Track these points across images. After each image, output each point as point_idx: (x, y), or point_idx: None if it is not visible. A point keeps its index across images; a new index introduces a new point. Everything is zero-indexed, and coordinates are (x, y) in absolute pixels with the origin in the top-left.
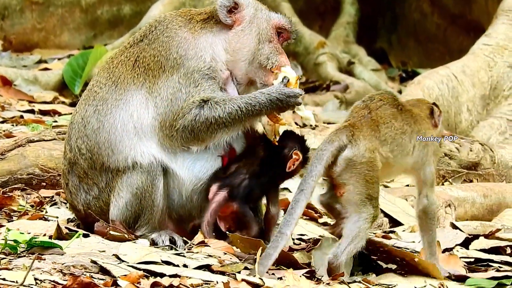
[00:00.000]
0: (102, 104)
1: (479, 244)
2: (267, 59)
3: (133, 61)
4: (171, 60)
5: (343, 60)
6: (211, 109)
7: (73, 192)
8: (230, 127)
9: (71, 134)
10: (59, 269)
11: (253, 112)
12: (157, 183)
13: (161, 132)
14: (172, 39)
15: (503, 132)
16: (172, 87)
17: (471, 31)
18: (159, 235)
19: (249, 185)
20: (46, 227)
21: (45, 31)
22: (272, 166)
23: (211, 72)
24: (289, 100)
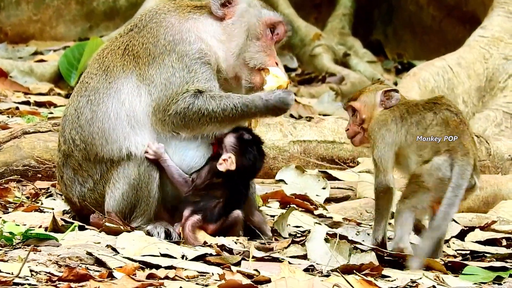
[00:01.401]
0: (94, 94)
1: (474, 236)
2: (251, 58)
3: (123, 49)
4: (160, 46)
5: (338, 52)
6: (205, 101)
7: (68, 185)
8: (222, 123)
9: (65, 126)
10: (54, 261)
11: (248, 113)
12: (153, 174)
13: (154, 117)
14: (159, 25)
15: (499, 124)
16: (165, 72)
17: (467, 22)
18: (155, 227)
19: (224, 207)
20: (41, 218)
21: (41, 22)
22: (237, 177)
23: (202, 55)
24: (285, 107)
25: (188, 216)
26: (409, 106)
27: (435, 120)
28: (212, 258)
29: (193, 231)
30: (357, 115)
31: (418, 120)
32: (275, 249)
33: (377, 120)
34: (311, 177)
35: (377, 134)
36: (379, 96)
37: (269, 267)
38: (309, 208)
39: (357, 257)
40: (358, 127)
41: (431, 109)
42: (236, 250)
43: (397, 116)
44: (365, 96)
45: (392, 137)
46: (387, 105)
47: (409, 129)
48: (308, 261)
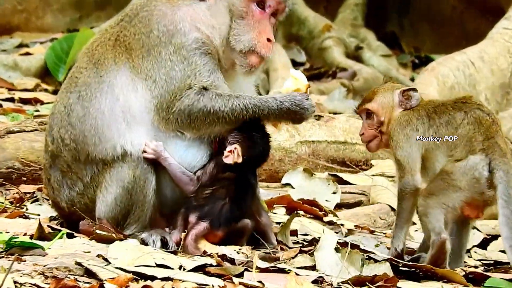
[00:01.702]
0: (86, 89)
1: (498, 245)
2: (237, 41)
3: (113, 41)
4: (154, 38)
5: (350, 44)
6: (211, 98)
7: (56, 188)
8: (231, 124)
9: (53, 125)
10: (40, 271)
11: (259, 116)
12: (149, 176)
13: (157, 115)
14: (151, 14)
15: None
16: (164, 66)
17: (490, 13)
18: (150, 235)
19: (231, 210)
20: (26, 225)
21: (26, 12)
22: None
23: (200, 45)
24: (302, 112)
25: (194, 223)
26: (436, 105)
27: (466, 119)
28: (213, 269)
29: (196, 240)
30: (374, 117)
31: (448, 120)
32: (282, 259)
33: (399, 121)
34: (320, 181)
35: (400, 134)
36: (397, 96)
37: (275, 278)
38: (318, 215)
39: (370, 268)
40: (375, 131)
41: (460, 109)
42: (239, 260)
43: (423, 115)
44: (381, 96)
45: (422, 131)
46: (408, 105)
47: (438, 129)
48: (317, 272)
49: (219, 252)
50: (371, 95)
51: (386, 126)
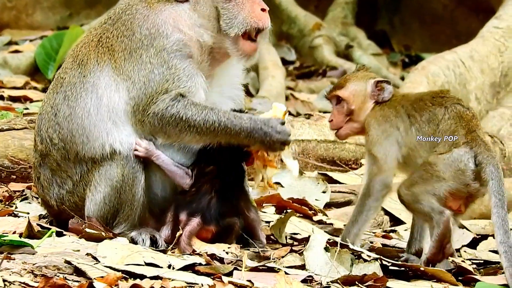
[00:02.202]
0: (71, 89)
1: (487, 245)
2: (229, 26)
3: (96, 41)
4: (136, 41)
5: (340, 43)
6: (186, 106)
7: (45, 187)
8: (202, 135)
9: (41, 125)
10: (29, 270)
11: (231, 132)
12: (139, 175)
13: (134, 117)
14: (133, 17)
15: None
16: (144, 68)
17: (481, 12)
18: (139, 234)
19: (218, 202)
20: (16, 224)
21: (16, 9)
22: (231, 170)
23: (181, 47)
24: (275, 135)
25: (186, 220)
26: (413, 101)
27: (447, 114)
28: (202, 268)
29: (190, 237)
30: (344, 105)
31: (429, 117)
32: (272, 257)
33: (375, 115)
34: (310, 180)
35: (378, 130)
36: (370, 86)
37: (264, 277)
38: (308, 214)
39: (360, 268)
40: (344, 118)
41: (440, 104)
42: (228, 259)
43: (402, 113)
44: (353, 84)
45: (399, 137)
46: (380, 98)
47: (421, 128)
48: (307, 272)
49: (208, 251)
50: (343, 82)
51: (356, 116)
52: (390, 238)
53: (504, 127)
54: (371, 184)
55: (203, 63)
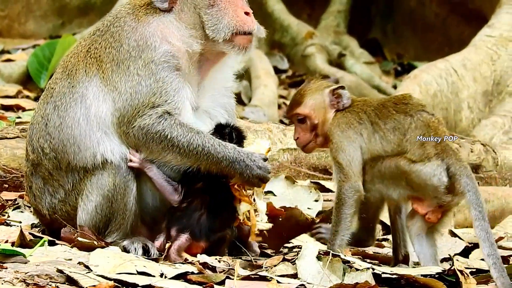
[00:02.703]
0: (61, 99)
1: (480, 253)
2: (215, 31)
3: (85, 52)
4: (124, 52)
5: (333, 52)
6: (172, 125)
7: (37, 196)
8: (183, 157)
9: (32, 135)
10: (22, 279)
11: (213, 158)
12: (130, 185)
13: (119, 128)
14: (121, 29)
15: (507, 131)
16: (131, 80)
17: (473, 20)
18: (131, 242)
19: (208, 219)
20: (8, 233)
21: (8, 18)
22: (220, 185)
23: (169, 58)
24: (256, 170)
25: (176, 236)
26: (375, 107)
27: (413, 123)
28: (194, 277)
29: (179, 250)
30: (307, 121)
31: (394, 125)
32: (264, 266)
33: (337, 123)
34: (302, 189)
35: (341, 136)
36: (327, 95)
37: (256, 286)
38: None
39: (352, 276)
40: (310, 134)
41: (405, 112)
42: (220, 268)
43: (365, 120)
44: (311, 99)
45: (362, 143)
46: (340, 105)
47: (385, 136)
48: (299, 280)
49: (200, 260)
50: (299, 98)
51: (320, 129)
52: (382, 247)
53: (497, 136)
54: (341, 192)
55: (192, 72)
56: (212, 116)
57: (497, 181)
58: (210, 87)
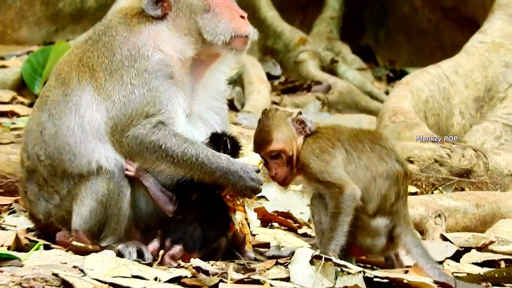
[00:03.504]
0: (55, 108)
1: (471, 258)
2: (214, 35)
3: (78, 61)
4: (116, 62)
5: (325, 58)
6: (166, 136)
7: (33, 201)
8: (177, 167)
9: (28, 142)
10: (18, 282)
11: (207, 169)
12: (124, 190)
13: (112, 137)
14: (113, 39)
15: (498, 137)
16: (124, 89)
17: (465, 26)
18: (126, 247)
19: (202, 232)
20: (3, 237)
21: (2, 25)
22: (215, 195)
23: (162, 67)
24: (249, 182)
25: (169, 247)
26: (350, 138)
27: (385, 172)
28: (188, 280)
29: (172, 258)
30: (282, 156)
31: (367, 165)
32: (257, 270)
33: (311, 149)
34: (295, 194)
35: (318, 160)
36: (292, 125)
37: None
38: (293, 227)
39: (344, 280)
40: (286, 168)
41: (380, 155)
42: (213, 272)
43: (339, 146)
44: (280, 133)
45: (342, 163)
46: (307, 130)
47: (357, 169)
48: (292, 284)
49: (193, 264)
50: (267, 136)
51: (295, 158)
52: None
53: (488, 141)
54: (339, 202)
55: (185, 79)
56: (205, 121)
57: (488, 186)
58: (203, 92)
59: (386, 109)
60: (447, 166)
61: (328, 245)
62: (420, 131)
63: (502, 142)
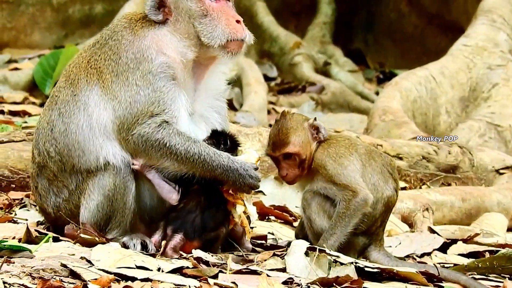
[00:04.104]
0: (65, 107)
1: (457, 249)
2: (211, 39)
3: (86, 63)
4: (122, 64)
5: (319, 60)
6: (170, 134)
7: (43, 195)
8: (181, 164)
9: (38, 139)
10: (28, 273)
11: (208, 166)
12: (129, 185)
13: (119, 135)
14: (119, 43)
15: (482, 134)
16: (130, 90)
17: (449, 31)
18: (131, 239)
19: (203, 220)
20: (15, 230)
21: (15, 30)
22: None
23: (165, 69)
24: (248, 179)
25: (170, 236)
26: (365, 154)
27: (386, 199)
28: (189, 271)
29: (174, 249)
30: (295, 158)
31: (376, 184)
32: (255, 261)
33: (327, 153)
34: (290, 189)
35: (335, 163)
36: (308, 130)
37: (247, 279)
38: (288, 220)
39: (337, 270)
40: (297, 169)
41: (387, 180)
42: (213, 262)
43: (356, 157)
44: (297, 136)
45: (359, 171)
46: (320, 137)
47: (367, 183)
48: (287, 274)
49: (194, 255)
50: (285, 138)
51: (307, 162)
52: None
53: (473, 139)
54: (349, 205)
55: (187, 80)
56: (206, 120)
57: (473, 181)
58: (204, 92)
59: (376, 108)
60: (434, 162)
61: (328, 240)
62: (409, 129)
63: (486, 139)
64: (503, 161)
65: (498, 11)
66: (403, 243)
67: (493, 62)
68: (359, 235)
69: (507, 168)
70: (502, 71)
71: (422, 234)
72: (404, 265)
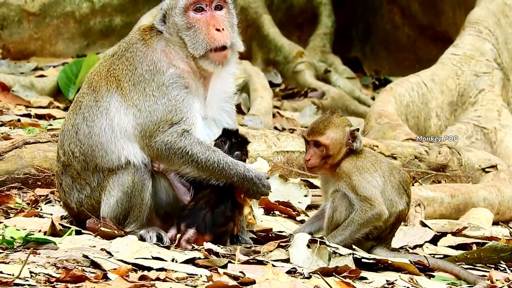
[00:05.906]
0: (88, 112)
1: (447, 241)
2: (192, 49)
3: (106, 71)
4: (138, 75)
5: (320, 68)
6: (192, 144)
7: (67, 192)
8: (201, 170)
9: (64, 140)
10: (53, 263)
11: (226, 174)
12: (147, 182)
13: (142, 141)
14: (134, 55)
15: (470, 136)
16: (148, 100)
17: (440, 41)
18: (147, 232)
19: (212, 217)
20: (41, 223)
21: (41, 40)
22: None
23: (176, 79)
24: (261, 188)
25: (184, 231)
26: (387, 171)
27: (399, 212)
28: (201, 261)
29: (188, 242)
30: (323, 149)
31: (393, 201)
32: (262, 251)
33: (354, 164)
34: (294, 185)
35: (359, 177)
36: (347, 135)
37: (254, 269)
38: (292, 214)
39: (336, 261)
40: (320, 160)
41: (401, 196)
42: (223, 254)
43: (379, 173)
44: (333, 132)
45: (380, 187)
46: (353, 146)
47: (385, 198)
48: (291, 264)
49: (206, 247)
50: (322, 128)
51: (332, 159)
52: None
53: (461, 140)
54: (364, 216)
55: (198, 87)
56: (218, 122)
57: (461, 179)
58: (214, 96)
59: (373, 112)
60: (426, 161)
61: (335, 238)
62: (402, 131)
63: (473, 140)
64: (488, 161)
65: (484, 23)
66: (397, 235)
67: (479, 70)
68: (368, 240)
69: (492, 167)
70: (487, 78)
71: (415, 228)
72: (398, 256)
